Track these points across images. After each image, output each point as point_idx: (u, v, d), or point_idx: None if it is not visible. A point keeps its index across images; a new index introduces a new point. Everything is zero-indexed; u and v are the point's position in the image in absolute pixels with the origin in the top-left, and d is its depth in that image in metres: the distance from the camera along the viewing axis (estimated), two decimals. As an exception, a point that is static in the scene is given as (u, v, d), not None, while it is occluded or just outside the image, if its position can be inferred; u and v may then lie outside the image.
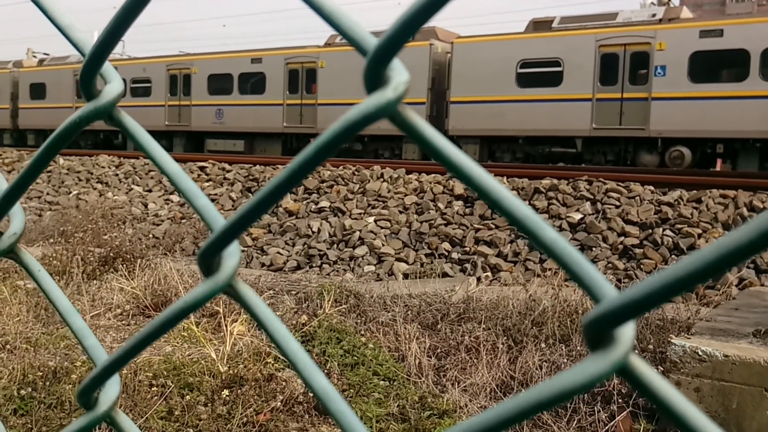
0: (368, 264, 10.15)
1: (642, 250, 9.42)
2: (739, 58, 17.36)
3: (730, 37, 17.44)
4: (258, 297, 0.62)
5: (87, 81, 0.70)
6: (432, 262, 9.97)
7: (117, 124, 0.71)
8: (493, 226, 10.63)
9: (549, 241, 0.47)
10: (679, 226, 9.66)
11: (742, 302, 5.66)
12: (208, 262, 0.61)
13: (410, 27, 0.49)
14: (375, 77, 0.52)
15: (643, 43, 18.70)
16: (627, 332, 0.42)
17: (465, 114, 21.12)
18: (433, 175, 13.09)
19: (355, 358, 5.47)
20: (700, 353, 4.02)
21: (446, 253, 10.31)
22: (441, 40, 22.32)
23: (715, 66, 17.78)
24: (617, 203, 10.52)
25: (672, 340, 4.19)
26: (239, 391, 4.77)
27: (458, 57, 21.34)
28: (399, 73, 0.52)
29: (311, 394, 4.98)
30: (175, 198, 14.67)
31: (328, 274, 9.80)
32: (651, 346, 4.75)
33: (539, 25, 20.97)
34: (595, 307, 0.43)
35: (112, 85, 0.70)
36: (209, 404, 4.68)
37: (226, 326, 5.75)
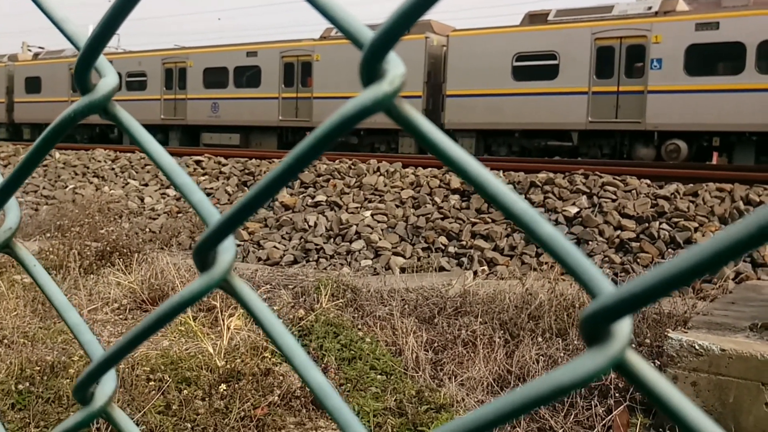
0: (365, 258, 10.15)
1: (638, 244, 9.43)
2: (735, 51, 17.36)
3: (726, 30, 17.44)
4: (254, 292, 0.62)
5: (82, 75, 0.70)
6: (429, 256, 9.98)
7: (112, 118, 0.71)
8: (490, 220, 10.63)
9: (546, 236, 0.46)
10: (676, 219, 9.67)
11: (738, 296, 5.67)
12: (204, 257, 0.61)
13: (406, 20, 0.49)
14: (371, 70, 0.52)
15: (639, 36, 18.69)
16: (624, 328, 0.42)
17: (461, 108, 21.10)
18: (430, 169, 13.08)
19: (353, 352, 5.48)
20: (697, 347, 4.03)
21: (443, 247, 10.31)
22: (437, 33, 22.28)
23: (711, 59, 17.78)
24: (613, 197, 10.52)
25: (669, 335, 4.20)
26: (236, 385, 4.78)
27: (454, 50, 21.31)
28: (395, 66, 0.52)
29: (308, 389, 4.98)
30: (171, 192, 14.65)
31: (325, 269, 9.80)
32: (648, 340, 4.76)
33: (535, 18, 20.94)
34: (592, 302, 0.42)
35: (106, 78, 0.70)
36: (207, 398, 4.68)
37: (223, 321, 5.75)
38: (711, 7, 20.91)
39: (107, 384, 0.71)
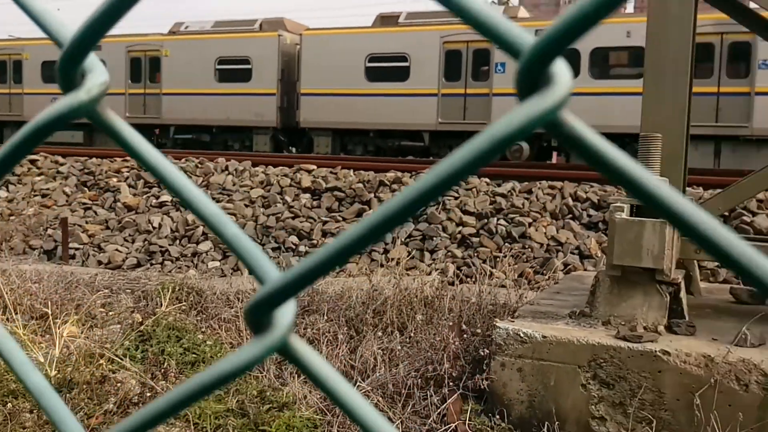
0: (213, 260, 9.97)
1: (479, 239, 9.86)
2: (570, 57, 18.50)
3: (562, 37, 18.54)
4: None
5: None
6: (279, 257, 9.95)
7: None
8: (341, 219, 10.75)
9: (231, 236, 0.50)
10: (512, 215, 10.20)
11: (564, 286, 6.06)
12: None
13: (97, 29, 0.51)
14: (68, 75, 0.53)
15: (483, 40, 19.50)
16: (285, 314, 0.46)
17: (316, 106, 21.16)
18: (280, 167, 13.03)
19: (195, 355, 5.38)
20: (522, 335, 4.28)
21: (294, 247, 10.31)
22: (290, 31, 22.21)
23: (548, 64, 18.84)
24: (456, 194, 10.93)
25: (496, 324, 4.43)
26: (69, 395, 4.57)
27: (307, 49, 21.33)
28: (95, 75, 0.53)
29: (147, 395, 4.85)
30: (2, 194, 13.71)
31: (170, 271, 9.53)
32: (479, 330, 5.00)
33: (386, 19, 21.35)
34: (257, 291, 0.46)
35: None
36: (35, 411, 4.44)
37: (56, 329, 5.47)
38: (550, 15, 22.12)
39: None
